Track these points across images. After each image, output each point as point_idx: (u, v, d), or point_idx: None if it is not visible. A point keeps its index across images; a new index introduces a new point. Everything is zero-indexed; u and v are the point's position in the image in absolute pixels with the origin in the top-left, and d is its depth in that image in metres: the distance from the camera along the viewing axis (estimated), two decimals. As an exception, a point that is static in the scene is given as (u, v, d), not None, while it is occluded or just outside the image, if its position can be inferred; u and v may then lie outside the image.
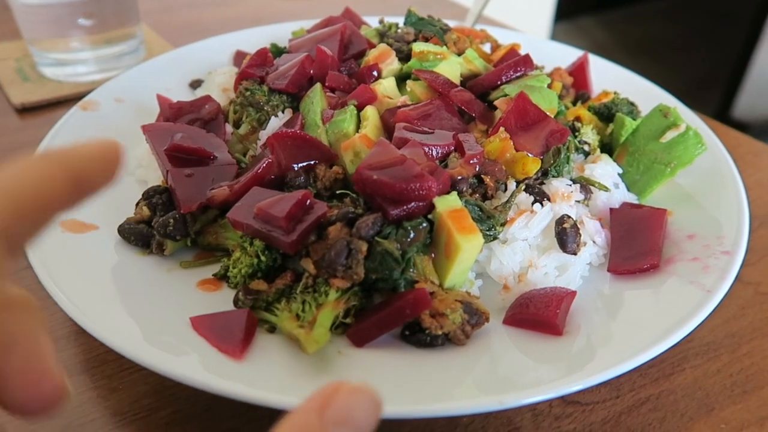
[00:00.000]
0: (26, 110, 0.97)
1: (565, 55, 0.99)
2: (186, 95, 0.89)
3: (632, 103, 0.79)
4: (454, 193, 0.57)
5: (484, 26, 1.04)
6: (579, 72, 0.89)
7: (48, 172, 0.30)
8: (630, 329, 0.55)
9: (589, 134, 0.73)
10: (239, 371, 0.49)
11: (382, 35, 0.85)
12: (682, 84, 3.74)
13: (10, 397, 0.26)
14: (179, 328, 0.53)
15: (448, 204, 0.56)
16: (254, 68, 0.76)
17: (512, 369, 0.52)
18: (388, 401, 0.47)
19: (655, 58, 4.03)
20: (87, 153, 0.32)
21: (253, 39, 1.00)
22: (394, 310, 0.52)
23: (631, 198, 0.71)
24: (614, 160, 0.72)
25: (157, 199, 0.63)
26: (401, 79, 0.76)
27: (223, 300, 0.58)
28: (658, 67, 3.91)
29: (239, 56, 0.95)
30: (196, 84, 0.91)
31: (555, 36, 3.30)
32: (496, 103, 0.69)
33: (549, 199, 0.63)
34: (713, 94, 3.45)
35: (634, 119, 0.75)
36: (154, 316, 0.54)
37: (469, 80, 0.75)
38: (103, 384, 0.55)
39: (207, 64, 0.95)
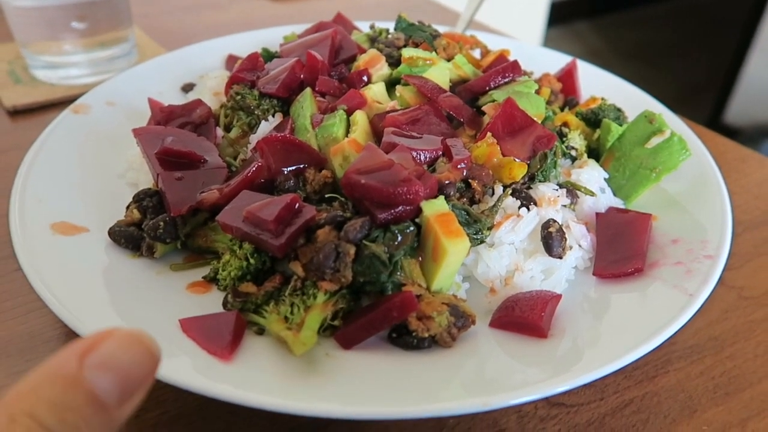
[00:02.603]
0: (18, 113, 0.97)
1: (555, 60, 1.01)
2: (178, 99, 0.90)
3: (619, 109, 0.80)
4: (442, 197, 0.58)
5: (475, 32, 1.05)
6: (567, 78, 0.90)
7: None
8: (614, 332, 0.56)
9: (576, 139, 0.74)
10: (227, 373, 0.49)
11: (373, 40, 0.85)
12: (675, 89, 3.77)
13: None
14: (169, 330, 0.53)
15: (435, 208, 0.56)
16: (245, 72, 0.77)
17: (498, 371, 0.53)
18: (375, 403, 0.48)
19: (649, 62, 4.06)
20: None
21: (245, 43, 1.01)
22: (381, 313, 0.53)
23: (618, 203, 0.72)
24: (601, 165, 0.73)
25: (148, 201, 0.64)
26: (391, 84, 0.76)
27: (212, 302, 0.58)
28: (651, 72, 3.94)
29: (231, 60, 0.96)
30: (188, 87, 0.92)
31: (549, 40, 3.32)
32: (484, 108, 0.70)
33: (535, 204, 0.64)
34: (706, 99, 3.47)
35: (621, 125, 0.76)
36: (143, 318, 0.55)
37: (458, 85, 0.76)
38: (92, 386, 0.55)
39: (199, 67, 0.96)
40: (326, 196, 0.62)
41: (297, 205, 0.56)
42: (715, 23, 4.50)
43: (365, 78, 0.75)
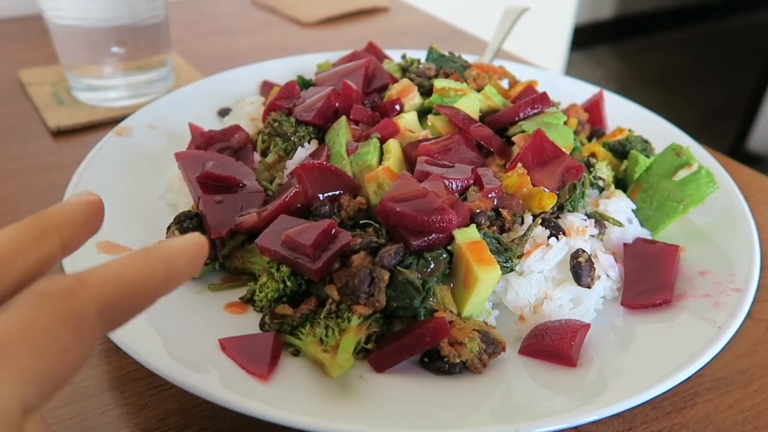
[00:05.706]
0: (61, 133, 1.01)
1: (581, 90, 1.02)
2: (214, 123, 0.93)
3: (646, 141, 0.81)
4: (473, 225, 0.60)
5: (502, 61, 1.07)
6: (594, 108, 0.91)
7: (150, 268, 0.34)
8: (642, 363, 0.57)
9: (604, 170, 0.75)
10: (264, 392, 0.51)
11: (405, 70, 0.88)
12: (698, 115, 3.76)
13: None
14: (207, 348, 0.55)
15: (467, 236, 0.58)
16: (282, 100, 0.80)
17: (527, 398, 0.54)
18: (407, 425, 0.49)
19: (671, 88, 4.06)
20: (178, 250, 0.36)
21: (279, 69, 1.04)
22: (414, 338, 0.54)
23: (645, 234, 0.73)
24: (628, 196, 0.74)
25: (188, 223, 0.66)
26: (423, 114, 0.79)
27: (248, 323, 0.60)
28: (674, 98, 3.93)
29: (266, 86, 0.99)
30: (224, 112, 0.95)
31: (571, 65, 3.34)
32: (513, 138, 0.72)
33: (564, 233, 0.65)
34: (728, 126, 3.46)
35: (648, 157, 0.77)
36: (183, 336, 0.57)
37: (487, 115, 0.78)
38: (133, 401, 0.57)
39: (235, 92, 0.99)
40: (360, 222, 0.64)
41: (333, 230, 0.58)
42: (738, 50, 4.49)
43: (398, 107, 0.77)
